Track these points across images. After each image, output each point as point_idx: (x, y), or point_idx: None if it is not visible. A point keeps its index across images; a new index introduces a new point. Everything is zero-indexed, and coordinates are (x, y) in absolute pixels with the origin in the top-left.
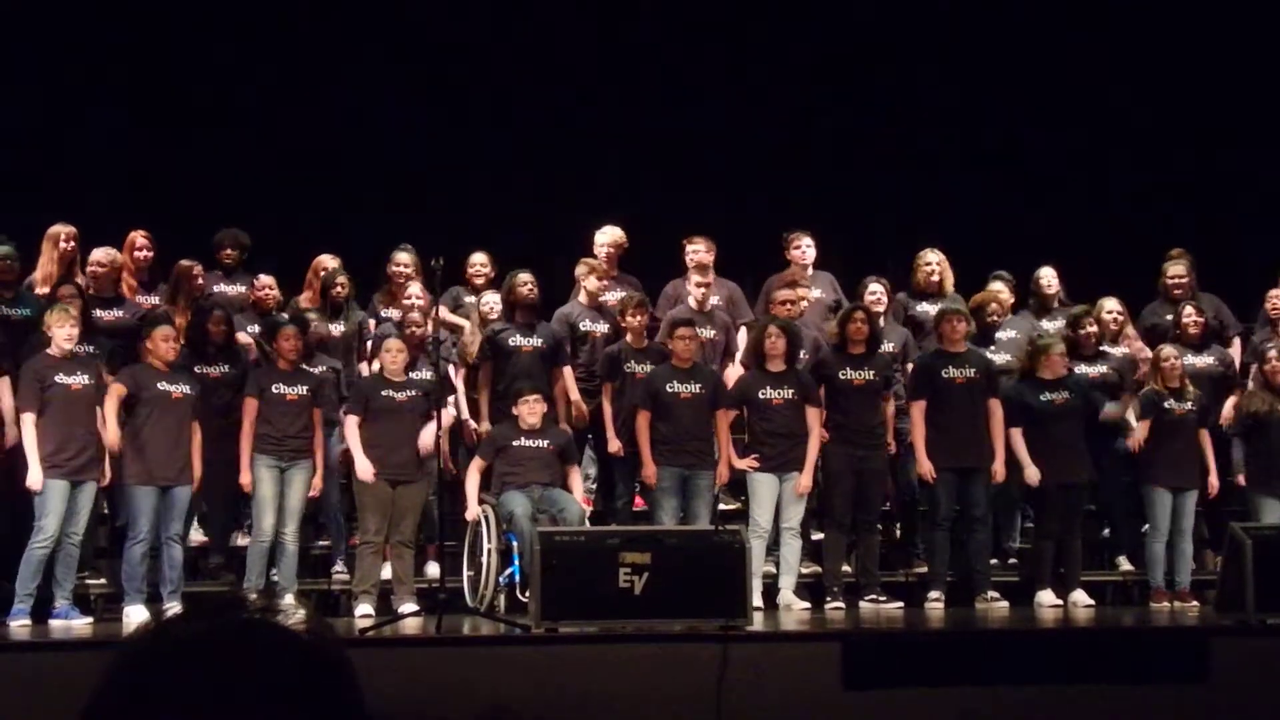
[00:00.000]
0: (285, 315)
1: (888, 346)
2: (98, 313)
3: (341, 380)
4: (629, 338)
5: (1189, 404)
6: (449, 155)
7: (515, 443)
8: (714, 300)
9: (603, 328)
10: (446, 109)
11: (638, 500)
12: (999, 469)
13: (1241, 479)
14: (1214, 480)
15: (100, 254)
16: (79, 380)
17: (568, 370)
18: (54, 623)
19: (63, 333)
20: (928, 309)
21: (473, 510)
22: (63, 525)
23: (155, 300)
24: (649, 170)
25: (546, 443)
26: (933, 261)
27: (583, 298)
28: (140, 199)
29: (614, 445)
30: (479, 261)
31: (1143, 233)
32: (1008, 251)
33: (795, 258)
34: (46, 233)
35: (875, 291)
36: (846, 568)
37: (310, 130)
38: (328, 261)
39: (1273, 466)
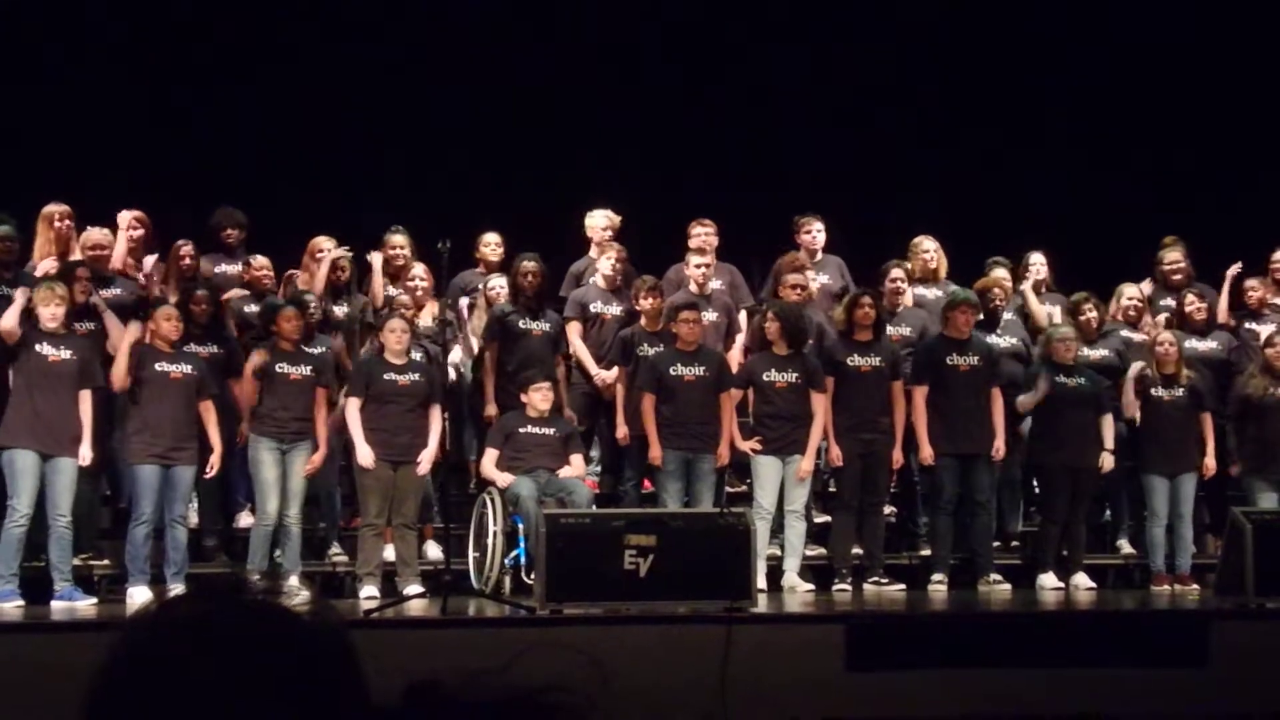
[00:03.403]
0: (280, 298)
1: (904, 331)
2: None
3: (341, 360)
4: (643, 321)
5: (1180, 390)
6: (450, 136)
7: (522, 430)
8: (715, 284)
9: (615, 310)
10: (447, 91)
11: (646, 483)
12: (1000, 446)
13: (1233, 470)
14: (1209, 463)
15: (96, 235)
16: (60, 354)
17: (579, 346)
18: (56, 604)
19: (47, 312)
20: (924, 294)
21: (502, 480)
22: (47, 507)
23: (150, 274)
24: (653, 154)
25: (553, 430)
26: (930, 249)
27: (599, 280)
28: (138, 178)
29: (621, 432)
30: (493, 241)
31: (1131, 221)
32: (1001, 237)
33: (805, 242)
34: (41, 213)
35: (896, 278)
36: (856, 550)
37: (311, 112)
38: (324, 243)
39: (1267, 452)
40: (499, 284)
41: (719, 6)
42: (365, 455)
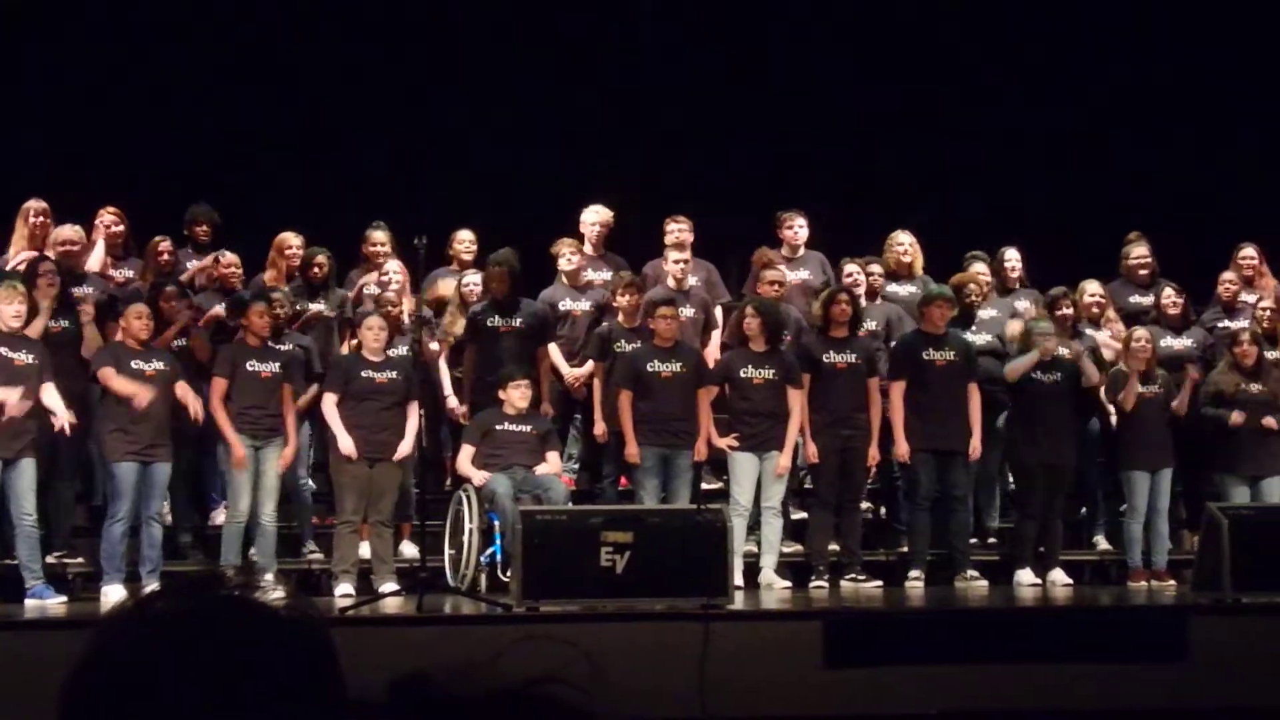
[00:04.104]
0: (249, 292)
1: (870, 326)
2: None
3: (314, 358)
4: (620, 317)
5: (1156, 386)
6: (428, 132)
7: (499, 427)
8: (692, 279)
9: (584, 306)
10: (425, 85)
11: (624, 480)
12: (976, 446)
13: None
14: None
15: (67, 231)
16: (22, 356)
17: (552, 346)
18: (29, 602)
19: (10, 310)
20: (897, 290)
21: (478, 478)
22: (11, 507)
23: (129, 274)
24: (632, 150)
25: (530, 428)
26: (905, 243)
27: (563, 277)
28: (113, 175)
29: (599, 429)
30: (467, 239)
31: (1102, 216)
32: (976, 232)
33: (787, 238)
34: (20, 209)
35: (851, 273)
36: (834, 546)
37: (286, 106)
38: (291, 239)
39: (1238, 447)
40: (473, 281)
41: (699, 3)
42: (347, 445)
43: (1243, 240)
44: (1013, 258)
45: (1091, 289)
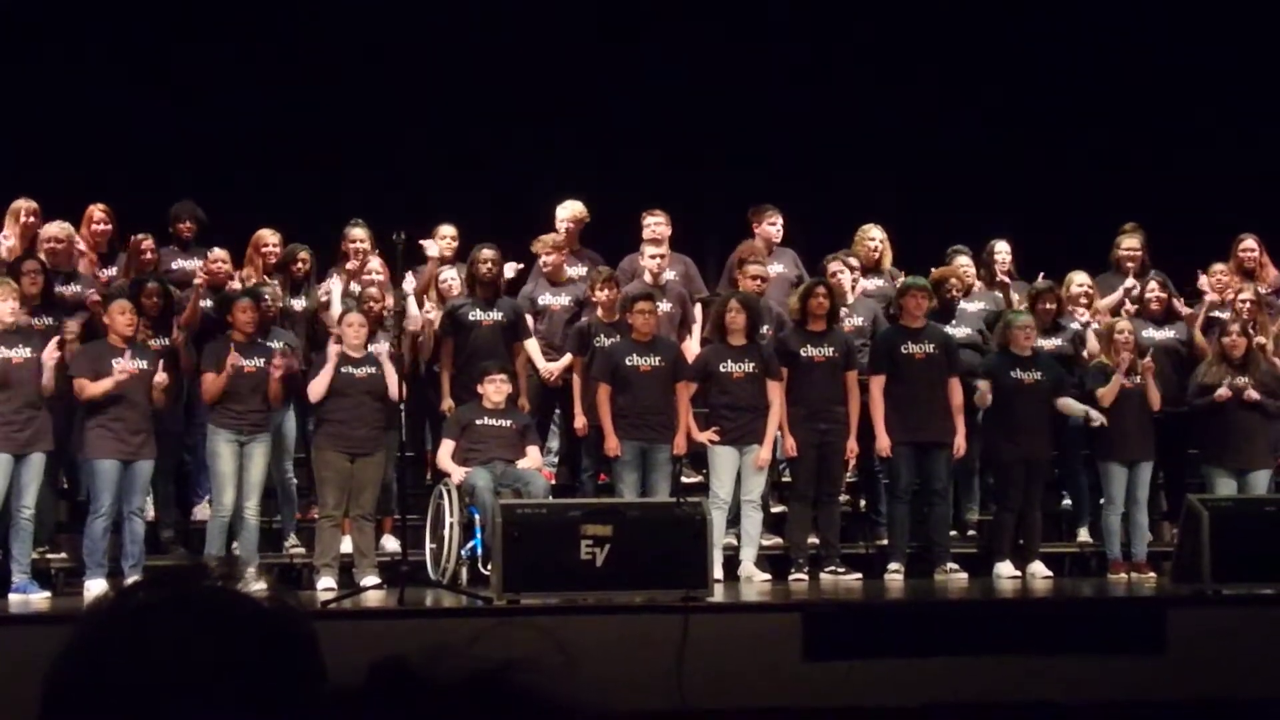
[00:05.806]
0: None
1: (857, 321)
2: (56, 288)
3: (298, 355)
4: (599, 312)
5: (1137, 378)
6: (407, 128)
7: (479, 421)
8: (669, 274)
9: (563, 301)
10: (404, 81)
11: (603, 475)
12: (960, 444)
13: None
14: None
15: (54, 228)
16: (20, 353)
17: (530, 342)
18: (12, 597)
19: (6, 308)
20: (864, 284)
21: (458, 474)
22: (10, 499)
23: (113, 273)
24: (609, 145)
25: (509, 422)
26: (876, 238)
27: (542, 273)
28: (95, 172)
29: (580, 423)
30: (448, 234)
31: (1094, 207)
32: (965, 225)
33: (767, 234)
34: (9, 208)
35: (835, 271)
36: (813, 539)
37: (266, 104)
38: (268, 236)
39: (1225, 440)
40: (451, 276)
41: (687, 4)
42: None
43: (1242, 232)
44: (1002, 250)
45: (1079, 279)
